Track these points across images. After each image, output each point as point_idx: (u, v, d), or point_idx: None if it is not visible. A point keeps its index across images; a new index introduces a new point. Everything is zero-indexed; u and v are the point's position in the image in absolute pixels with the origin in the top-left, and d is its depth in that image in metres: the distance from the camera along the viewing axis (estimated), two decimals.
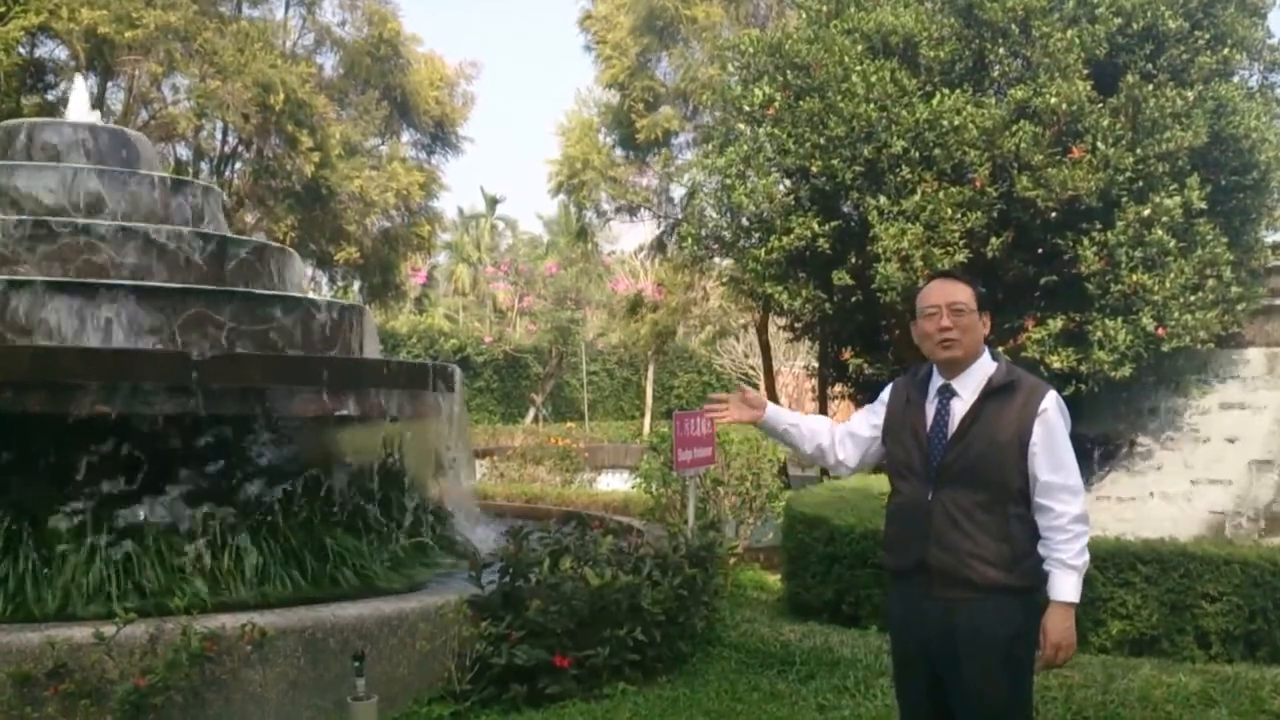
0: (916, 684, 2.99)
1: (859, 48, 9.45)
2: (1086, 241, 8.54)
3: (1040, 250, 9.13)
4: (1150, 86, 8.61)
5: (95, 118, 7.46)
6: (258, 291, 6.16)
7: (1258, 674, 5.08)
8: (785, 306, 10.20)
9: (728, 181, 9.95)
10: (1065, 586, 2.82)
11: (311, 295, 8.02)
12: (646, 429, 25.66)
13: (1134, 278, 8.39)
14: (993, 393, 2.89)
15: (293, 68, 17.29)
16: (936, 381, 2.99)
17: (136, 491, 5.13)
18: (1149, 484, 8.69)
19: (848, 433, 3.18)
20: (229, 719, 4.21)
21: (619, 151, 18.00)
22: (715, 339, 25.98)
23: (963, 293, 2.94)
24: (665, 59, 17.28)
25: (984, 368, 2.95)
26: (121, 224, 6.08)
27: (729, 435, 9.55)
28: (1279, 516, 8.12)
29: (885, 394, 3.17)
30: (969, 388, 2.93)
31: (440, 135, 21.29)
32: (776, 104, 9.61)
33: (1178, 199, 8.41)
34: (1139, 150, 8.50)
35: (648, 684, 4.95)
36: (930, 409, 2.97)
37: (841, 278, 9.40)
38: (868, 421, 3.16)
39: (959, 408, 2.91)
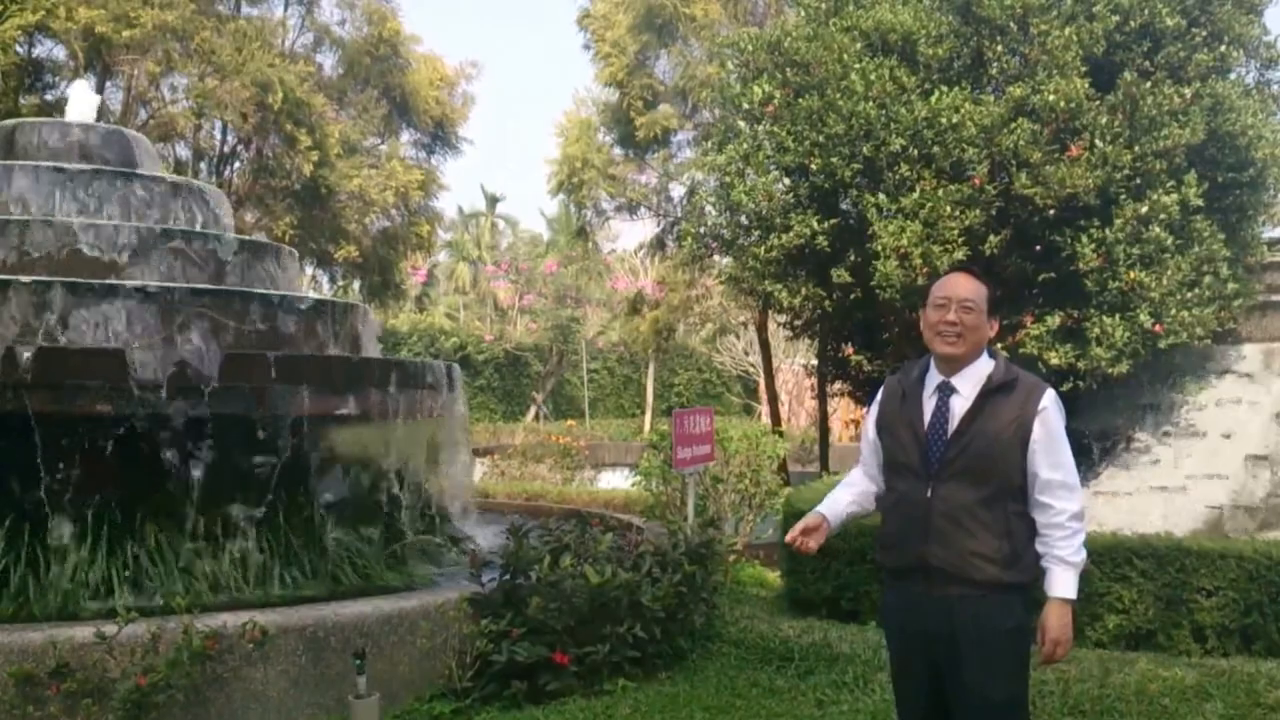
0: (916, 681, 3.00)
1: (858, 45, 9.45)
2: (1084, 239, 8.55)
3: (1038, 247, 9.14)
4: (1148, 84, 8.62)
5: (91, 118, 7.43)
6: (258, 291, 6.17)
7: (1253, 667, 5.12)
8: (785, 304, 10.20)
9: (727, 179, 9.95)
10: (1064, 583, 2.84)
11: (312, 294, 8.04)
12: (647, 427, 25.70)
13: (1131, 275, 8.41)
14: (993, 390, 2.90)
15: (291, 67, 17.26)
16: (934, 378, 2.99)
17: (138, 490, 5.15)
18: (1146, 479, 8.70)
19: (873, 463, 3.19)
20: (230, 717, 4.23)
21: (618, 150, 17.96)
22: (715, 337, 26.06)
23: (976, 291, 2.94)
24: (664, 57, 17.25)
25: (982, 365, 2.96)
26: (122, 224, 6.09)
27: (728, 433, 9.59)
28: (1275, 511, 8.15)
29: (880, 395, 3.19)
30: (968, 385, 2.93)
31: (440, 135, 21.24)
32: (775, 102, 9.61)
33: (1175, 196, 8.42)
34: (1137, 148, 8.51)
35: (648, 680, 4.98)
36: (928, 405, 2.97)
37: (840, 275, 9.41)
38: (875, 442, 3.18)
39: (959, 405, 2.92)
